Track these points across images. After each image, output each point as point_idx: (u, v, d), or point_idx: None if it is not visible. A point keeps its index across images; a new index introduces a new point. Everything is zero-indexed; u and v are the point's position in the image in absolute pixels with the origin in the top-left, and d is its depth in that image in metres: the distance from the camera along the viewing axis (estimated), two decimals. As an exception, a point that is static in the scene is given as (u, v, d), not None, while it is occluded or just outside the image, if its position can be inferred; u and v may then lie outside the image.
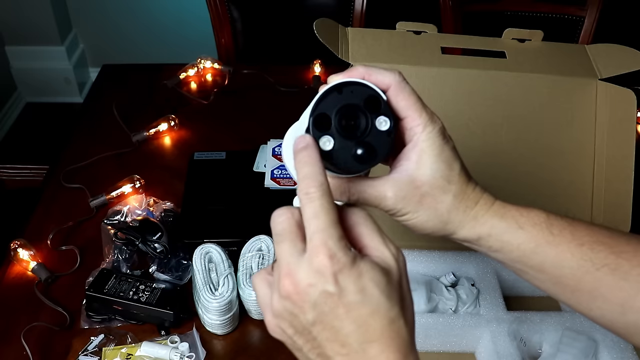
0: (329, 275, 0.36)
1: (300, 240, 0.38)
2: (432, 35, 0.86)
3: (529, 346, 0.78)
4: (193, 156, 1.10)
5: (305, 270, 0.36)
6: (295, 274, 0.37)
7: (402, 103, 0.44)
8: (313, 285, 0.36)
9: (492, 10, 1.66)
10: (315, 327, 0.37)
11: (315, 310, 0.36)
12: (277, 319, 0.39)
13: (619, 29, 1.87)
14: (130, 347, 0.79)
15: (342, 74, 0.44)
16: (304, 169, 0.39)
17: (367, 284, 0.36)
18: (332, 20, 0.83)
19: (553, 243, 0.46)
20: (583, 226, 0.47)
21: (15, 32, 2.55)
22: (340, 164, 0.42)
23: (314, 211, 0.37)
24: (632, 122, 0.84)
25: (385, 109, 0.43)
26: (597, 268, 0.46)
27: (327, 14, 0.94)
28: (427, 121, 0.44)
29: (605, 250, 0.46)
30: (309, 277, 0.36)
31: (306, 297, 0.36)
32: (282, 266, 0.38)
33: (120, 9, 2.58)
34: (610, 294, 0.46)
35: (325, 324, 0.36)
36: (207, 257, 0.85)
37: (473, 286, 0.84)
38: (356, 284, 0.36)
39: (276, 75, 1.40)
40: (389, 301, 0.36)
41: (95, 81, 1.45)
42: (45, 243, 0.96)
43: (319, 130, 0.41)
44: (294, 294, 0.37)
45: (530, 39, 0.87)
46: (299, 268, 0.37)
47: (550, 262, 0.46)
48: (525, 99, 0.87)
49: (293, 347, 0.40)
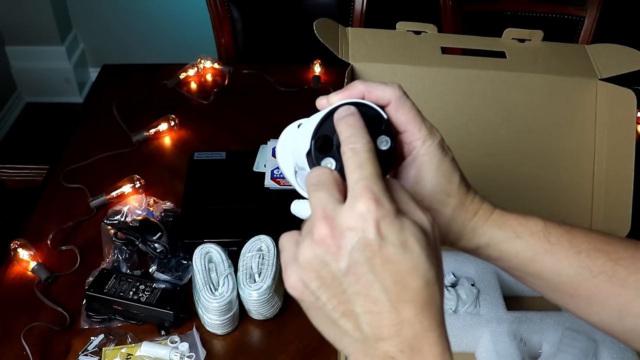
0: (371, 221, 0.33)
1: (338, 191, 0.36)
2: (432, 35, 0.86)
3: (529, 346, 0.78)
4: (193, 156, 1.10)
5: (346, 214, 0.34)
6: (334, 217, 0.34)
7: (402, 118, 0.44)
8: (353, 229, 0.33)
9: (492, 10, 1.66)
10: (347, 278, 0.34)
11: (351, 258, 0.33)
12: (303, 270, 0.35)
13: (619, 29, 1.87)
14: (130, 347, 0.79)
15: (342, 93, 0.44)
16: (349, 130, 0.38)
17: (408, 238, 0.34)
18: (332, 20, 0.83)
19: (551, 252, 0.46)
20: (581, 233, 0.47)
21: (15, 32, 2.55)
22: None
23: (359, 162, 0.36)
24: (632, 122, 0.84)
25: (386, 128, 0.43)
26: (595, 275, 0.46)
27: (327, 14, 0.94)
28: (426, 135, 0.44)
29: (603, 258, 0.46)
30: (349, 220, 0.34)
31: (343, 242, 0.34)
32: (318, 212, 0.35)
33: (120, 9, 2.58)
34: (608, 300, 0.46)
35: (359, 275, 0.33)
36: (207, 257, 0.85)
37: (473, 286, 0.84)
38: (399, 236, 0.34)
39: (276, 75, 1.40)
40: (428, 261, 0.34)
41: (95, 81, 1.45)
42: (45, 243, 0.96)
43: (321, 153, 0.41)
44: (329, 237, 0.34)
45: (530, 39, 0.87)
46: (339, 212, 0.34)
47: (548, 270, 0.47)
48: (525, 99, 0.86)
49: (314, 305, 0.36)
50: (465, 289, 0.84)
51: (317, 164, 0.41)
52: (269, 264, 0.83)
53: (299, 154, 0.45)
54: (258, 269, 0.83)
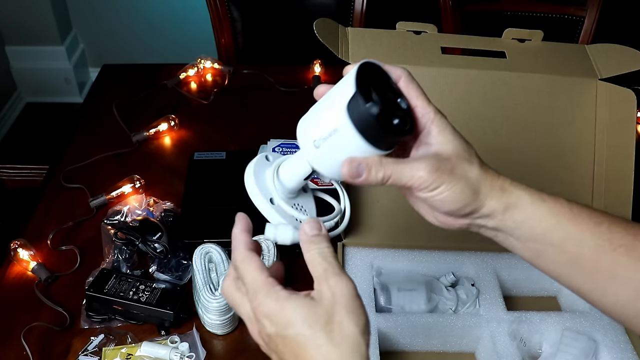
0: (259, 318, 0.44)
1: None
2: (432, 35, 0.86)
3: (529, 346, 0.78)
4: (193, 156, 1.10)
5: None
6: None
7: (412, 93, 0.47)
8: (259, 329, 0.45)
9: (492, 10, 1.66)
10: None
11: (269, 345, 0.45)
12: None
13: (619, 29, 1.87)
14: (130, 347, 0.79)
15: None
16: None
17: (289, 319, 0.42)
18: (332, 20, 0.83)
19: (574, 220, 0.47)
20: (600, 211, 0.48)
21: (15, 32, 2.55)
22: (383, 133, 0.43)
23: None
24: (632, 122, 0.84)
25: (402, 93, 0.47)
26: (614, 248, 0.46)
27: (327, 14, 0.94)
28: (435, 110, 0.47)
29: (622, 232, 0.47)
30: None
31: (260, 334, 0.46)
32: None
33: (120, 9, 2.58)
34: (627, 275, 0.46)
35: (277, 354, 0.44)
36: (207, 257, 0.85)
37: (473, 286, 0.84)
38: (278, 321, 0.43)
39: (276, 75, 1.40)
40: (310, 329, 0.41)
41: (95, 81, 1.45)
42: (45, 243, 0.96)
43: (364, 98, 0.42)
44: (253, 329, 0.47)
45: (530, 39, 0.87)
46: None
47: (571, 240, 0.47)
48: (525, 99, 0.86)
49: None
50: (465, 289, 0.84)
51: (364, 106, 0.42)
52: (269, 264, 0.83)
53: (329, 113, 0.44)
54: (258, 269, 0.83)
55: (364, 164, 0.45)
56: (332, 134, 0.44)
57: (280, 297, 0.43)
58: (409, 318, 0.79)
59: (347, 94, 0.43)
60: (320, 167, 0.47)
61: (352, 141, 0.43)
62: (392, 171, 0.45)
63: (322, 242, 0.45)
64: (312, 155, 0.46)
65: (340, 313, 0.41)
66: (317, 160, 0.47)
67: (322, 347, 0.41)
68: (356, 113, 0.42)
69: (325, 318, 0.41)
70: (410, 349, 0.81)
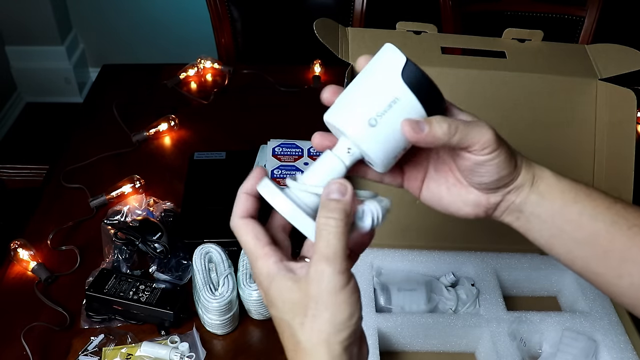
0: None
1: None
2: (432, 35, 0.86)
3: (529, 346, 0.78)
4: (193, 156, 1.10)
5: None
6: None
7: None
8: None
9: (492, 10, 1.66)
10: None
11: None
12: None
13: (619, 29, 1.87)
14: (130, 347, 0.79)
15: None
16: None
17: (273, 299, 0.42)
18: (332, 20, 0.83)
19: (590, 196, 0.48)
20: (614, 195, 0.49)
21: (15, 32, 2.55)
22: (437, 95, 0.45)
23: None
24: (632, 122, 0.84)
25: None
26: (629, 227, 0.47)
27: (327, 14, 0.94)
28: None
29: (636, 212, 0.48)
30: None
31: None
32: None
33: (120, 9, 2.58)
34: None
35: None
36: (207, 257, 0.85)
37: (473, 286, 0.84)
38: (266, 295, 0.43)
39: (276, 75, 1.40)
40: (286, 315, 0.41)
41: (95, 81, 1.45)
42: (45, 243, 0.96)
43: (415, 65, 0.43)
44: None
45: (530, 39, 0.87)
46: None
47: (588, 214, 0.48)
48: (525, 99, 0.86)
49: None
50: (465, 289, 0.84)
51: (419, 71, 0.43)
52: (269, 264, 0.83)
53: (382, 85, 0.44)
54: (258, 269, 0.83)
55: (425, 121, 0.43)
56: (392, 104, 0.43)
57: (270, 272, 0.42)
58: (409, 318, 0.79)
59: (396, 64, 0.43)
60: (376, 147, 0.44)
61: (411, 108, 0.43)
62: (457, 126, 0.44)
63: (336, 212, 0.40)
64: (365, 137, 0.44)
65: (317, 307, 0.39)
66: (372, 141, 0.44)
67: (294, 336, 0.40)
68: (412, 78, 0.43)
69: (301, 306, 0.40)
70: (410, 349, 0.81)
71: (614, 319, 0.80)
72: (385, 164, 0.46)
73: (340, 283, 0.39)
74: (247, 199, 0.46)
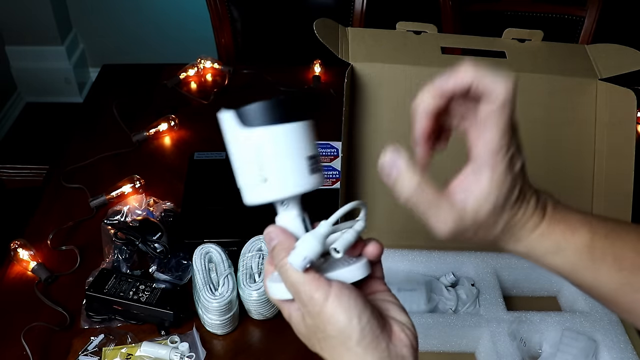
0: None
1: None
2: (432, 35, 0.86)
3: (529, 346, 0.78)
4: (193, 156, 1.10)
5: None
6: None
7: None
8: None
9: (492, 10, 1.66)
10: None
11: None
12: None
13: (619, 29, 1.87)
14: (130, 347, 0.79)
15: (446, 80, 0.45)
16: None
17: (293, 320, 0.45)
18: (332, 20, 0.83)
19: (592, 269, 0.46)
20: (629, 245, 0.46)
21: (15, 32, 2.55)
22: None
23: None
24: (632, 122, 0.84)
25: None
26: (636, 290, 0.45)
27: (327, 14, 0.94)
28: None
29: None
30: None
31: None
32: None
33: (120, 9, 2.58)
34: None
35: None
36: (207, 257, 0.85)
37: (473, 286, 0.84)
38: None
39: (276, 75, 1.40)
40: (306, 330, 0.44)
41: (95, 81, 1.45)
42: (45, 243, 0.96)
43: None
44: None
45: (530, 39, 0.87)
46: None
47: (588, 284, 0.47)
48: (525, 99, 0.86)
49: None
50: (465, 289, 0.84)
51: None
52: (269, 264, 0.83)
53: None
54: (258, 269, 0.83)
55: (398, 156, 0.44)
56: (259, 151, 0.45)
57: (320, 300, 0.42)
58: (409, 318, 0.79)
59: (229, 122, 0.45)
60: (286, 185, 0.46)
61: (275, 135, 0.45)
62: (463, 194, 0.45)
63: (277, 255, 0.45)
64: (272, 190, 0.46)
65: (317, 330, 0.43)
66: (279, 186, 0.46)
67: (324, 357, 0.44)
68: (251, 118, 0.45)
69: (311, 337, 0.44)
70: (410, 349, 0.81)
71: (614, 318, 0.80)
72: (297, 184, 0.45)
73: (319, 301, 0.41)
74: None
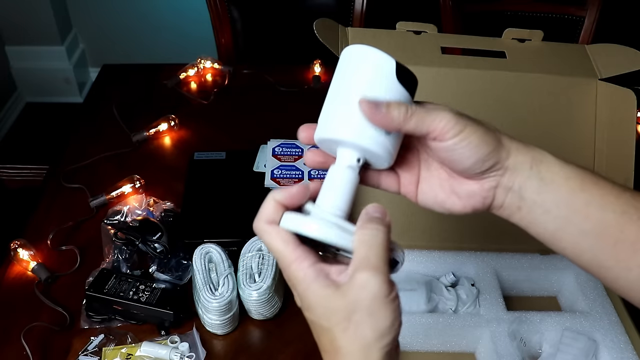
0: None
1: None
2: (432, 35, 0.86)
3: (529, 346, 0.78)
4: (193, 156, 1.10)
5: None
6: None
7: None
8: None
9: (492, 10, 1.66)
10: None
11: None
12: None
13: (619, 29, 1.87)
14: (130, 347, 0.79)
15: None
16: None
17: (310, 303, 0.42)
18: (332, 20, 0.83)
19: (598, 185, 0.45)
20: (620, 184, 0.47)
21: (15, 32, 2.54)
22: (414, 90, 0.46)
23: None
24: (632, 122, 0.84)
25: None
26: (621, 230, 0.44)
27: (327, 14, 0.94)
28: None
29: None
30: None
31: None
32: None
33: (120, 9, 2.58)
34: None
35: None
36: (207, 257, 0.85)
37: (473, 286, 0.84)
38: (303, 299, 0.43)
39: (276, 75, 1.40)
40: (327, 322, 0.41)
41: (95, 81, 1.45)
42: (45, 243, 0.96)
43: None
44: None
45: (530, 39, 0.87)
46: None
47: (596, 204, 0.45)
48: (525, 99, 0.87)
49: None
50: (465, 289, 0.84)
51: (408, 70, 0.44)
52: (269, 264, 0.83)
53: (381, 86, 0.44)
54: (258, 269, 0.83)
55: (385, 104, 0.43)
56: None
57: (306, 277, 0.42)
58: (409, 318, 0.79)
59: (386, 67, 0.45)
60: (381, 145, 0.44)
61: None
62: (414, 112, 0.44)
63: (380, 227, 0.42)
64: (369, 138, 0.44)
65: (361, 313, 0.40)
66: (376, 141, 0.44)
67: (334, 341, 0.41)
68: (407, 79, 0.44)
69: (343, 314, 0.40)
70: (410, 349, 0.81)
71: (614, 319, 0.80)
72: (390, 159, 0.46)
73: (385, 291, 0.40)
74: (277, 207, 0.45)
